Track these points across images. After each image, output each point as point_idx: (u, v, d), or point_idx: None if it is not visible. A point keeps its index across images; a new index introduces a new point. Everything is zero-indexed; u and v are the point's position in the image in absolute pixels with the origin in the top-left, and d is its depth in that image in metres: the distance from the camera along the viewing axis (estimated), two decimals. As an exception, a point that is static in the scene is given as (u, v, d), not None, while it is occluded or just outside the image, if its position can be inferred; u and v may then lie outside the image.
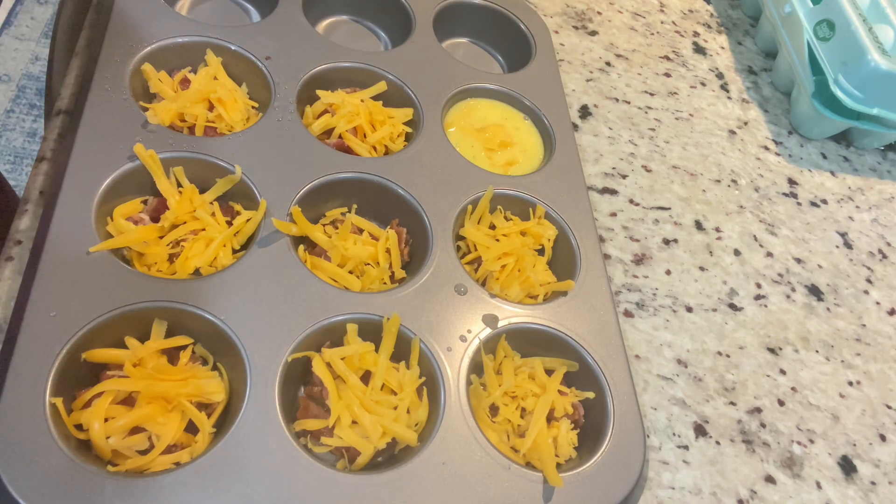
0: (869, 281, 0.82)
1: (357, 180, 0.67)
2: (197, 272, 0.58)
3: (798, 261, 0.81)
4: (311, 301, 0.58)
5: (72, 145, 0.59)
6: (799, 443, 0.66)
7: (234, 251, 0.61)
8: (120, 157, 0.60)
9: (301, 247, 0.63)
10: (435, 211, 0.67)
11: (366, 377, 0.56)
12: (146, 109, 0.65)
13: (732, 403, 0.67)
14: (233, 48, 0.71)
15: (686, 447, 0.63)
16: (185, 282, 0.56)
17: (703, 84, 0.98)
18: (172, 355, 0.54)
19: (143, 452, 0.50)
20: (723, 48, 1.05)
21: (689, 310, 0.73)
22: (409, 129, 0.74)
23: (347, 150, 0.70)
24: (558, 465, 0.57)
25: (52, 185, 0.58)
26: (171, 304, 0.54)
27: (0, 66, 2.05)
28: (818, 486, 0.64)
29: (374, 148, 0.71)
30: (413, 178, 0.68)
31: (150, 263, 0.58)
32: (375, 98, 0.74)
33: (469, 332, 0.60)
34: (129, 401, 0.51)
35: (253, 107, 0.71)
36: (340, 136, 0.70)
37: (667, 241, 0.78)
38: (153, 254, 0.58)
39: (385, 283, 0.64)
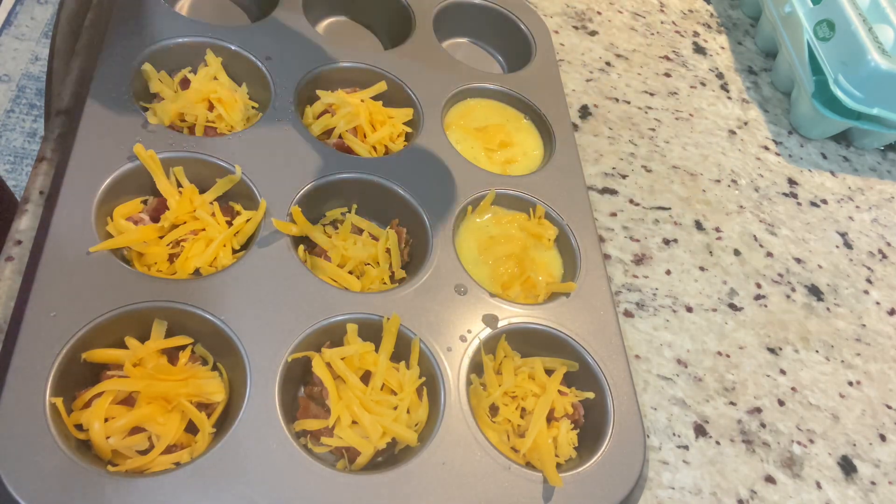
0: (869, 281, 0.82)
1: (357, 180, 0.67)
2: (197, 272, 0.58)
3: (798, 261, 0.81)
4: (311, 301, 0.58)
5: (72, 145, 0.59)
6: (799, 443, 0.66)
7: (234, 251, 0.61)
8: (120, 157, 0.60)
9: (301, 247, 0.63)
10: (435, 211, 0.67)
11: (366, 377, 0.56)
12: (146, 109, 0.65)
13: (732, 403, 0.67)
14: (233, 48, 0.71)
15: (686, 447, 0.63)
16: (185, 282, 0.56)
17: (703, 84, 0.98)
18: (172, 355, 0.54)
19: (143, 452, 0.50)
20: (723, 48, 1.05)
21: (689, 310, 0.73)
22: (409, 129, 0.74)
23: (347, 150, 0.70)
24: (558, 465, 0.57)
25: (52, 185, 0.58)
26: (171, 304, 0.54)
27: (0, 66, 2.05)
28: (818, 486, 0.64)
29: (374, 148, 0.71)
30: (413, 178, 0.68)
31: (150, 263, 0.58)
32: (375, 98, 0.74)
33: (469, 332, 0.60)
34: (129, 401, 0.51)
35: (253, 107, 0.71)
36: (340, 136, 0.70)
37: (667, 241, 0.78)
38: (153, 254, 0.58)
39: (385, 283, 0.64)
